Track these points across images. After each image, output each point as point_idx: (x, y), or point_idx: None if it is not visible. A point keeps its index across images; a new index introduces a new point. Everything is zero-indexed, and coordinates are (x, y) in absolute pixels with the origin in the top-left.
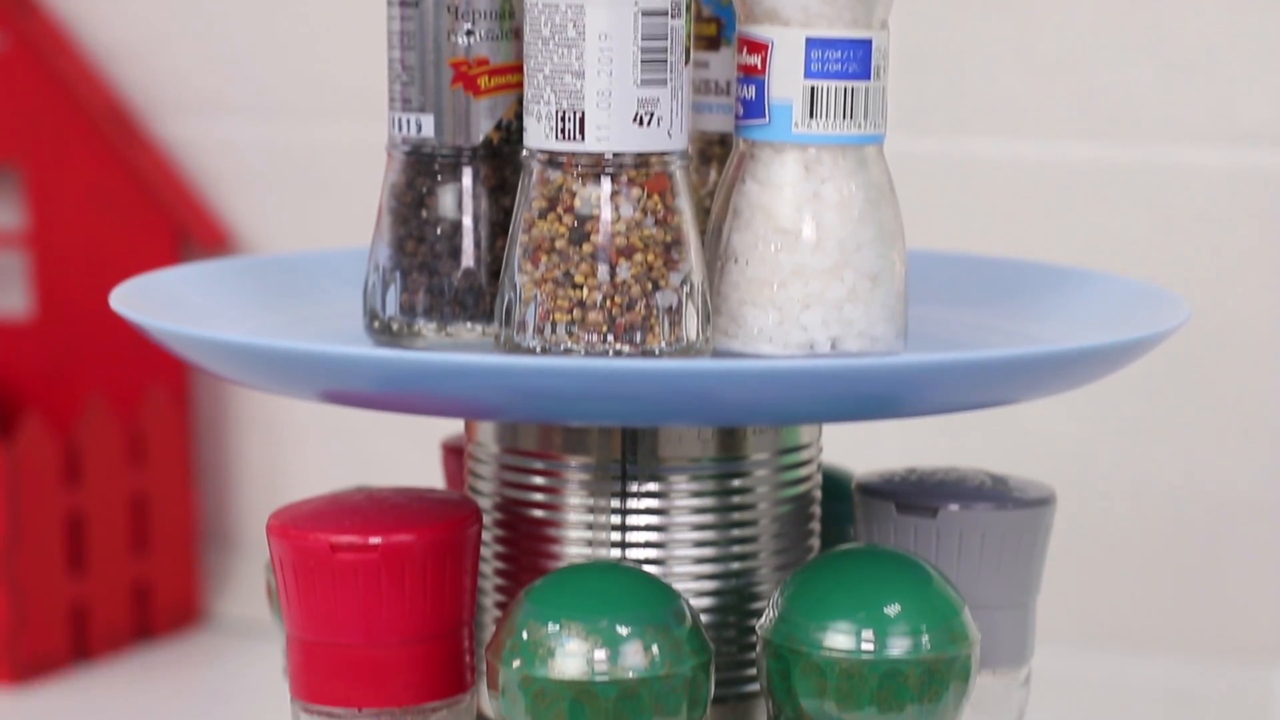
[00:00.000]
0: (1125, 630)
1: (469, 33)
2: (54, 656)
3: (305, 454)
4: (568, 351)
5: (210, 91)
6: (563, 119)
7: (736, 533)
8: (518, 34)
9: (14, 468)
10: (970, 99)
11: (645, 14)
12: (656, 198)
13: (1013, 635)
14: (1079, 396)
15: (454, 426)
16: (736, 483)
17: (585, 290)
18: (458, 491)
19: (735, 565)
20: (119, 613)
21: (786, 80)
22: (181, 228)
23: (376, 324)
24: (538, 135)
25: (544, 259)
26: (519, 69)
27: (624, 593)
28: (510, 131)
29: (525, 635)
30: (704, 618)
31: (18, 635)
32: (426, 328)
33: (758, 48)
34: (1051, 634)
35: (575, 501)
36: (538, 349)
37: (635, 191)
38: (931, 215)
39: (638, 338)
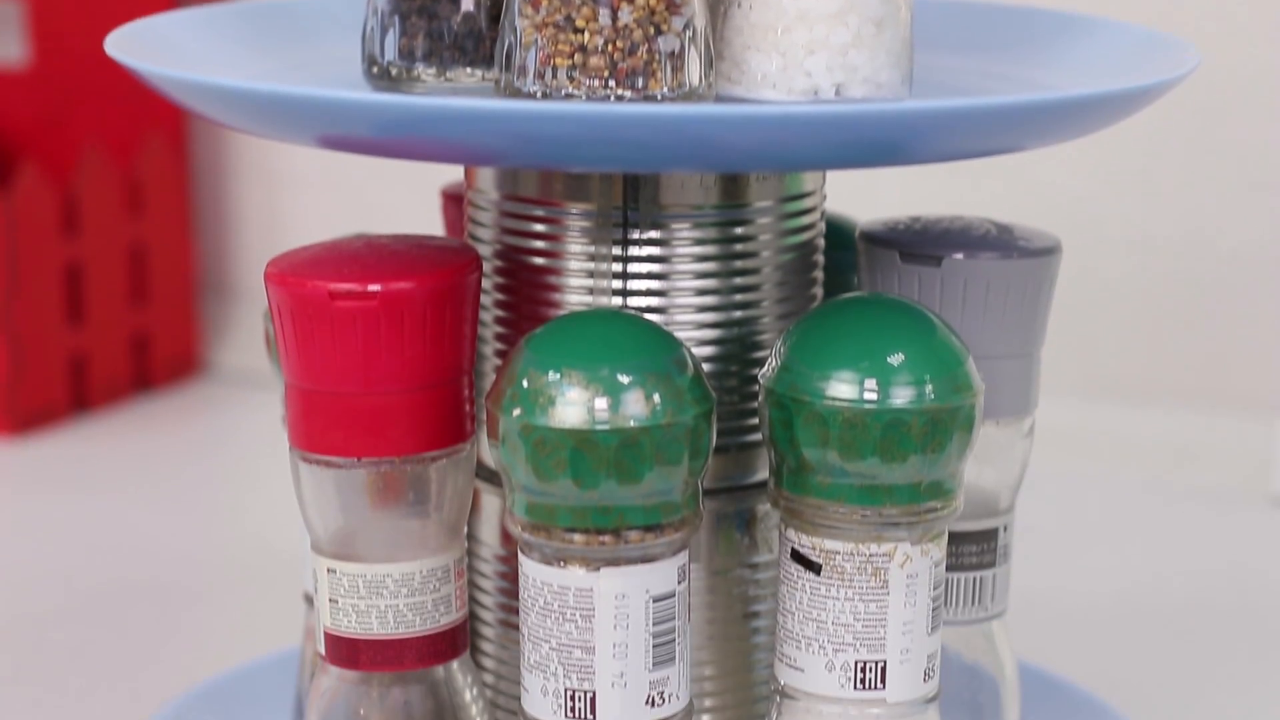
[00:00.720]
0: (1128, 382)
1: None
2: (53, 407)
3: (304, 202)
4: (569, 96)
5: None
6: None
7: (739, 281)
8: None
9: (11, 218)
10: None
11: None
12: None
13: (1016, 386)
14: (1085, 146)
15: (454, 174)
16: (739, 230)
17: (587, 34)
18: (458, 239)
19: (737, 314)
20: (118, 363)
21: None
22: None
23: (375, 69)
24: None
25: (545, 3)
26: None
27: (625, 341)
28: None
29: (525, 384)
30: (706, 367)
31: (17, 386)
32: (426, 72)
33: None
34: (1055, 386)
35: (576, 249)
36: (538, 94)
37: None
38: None
39: (639, 83)
